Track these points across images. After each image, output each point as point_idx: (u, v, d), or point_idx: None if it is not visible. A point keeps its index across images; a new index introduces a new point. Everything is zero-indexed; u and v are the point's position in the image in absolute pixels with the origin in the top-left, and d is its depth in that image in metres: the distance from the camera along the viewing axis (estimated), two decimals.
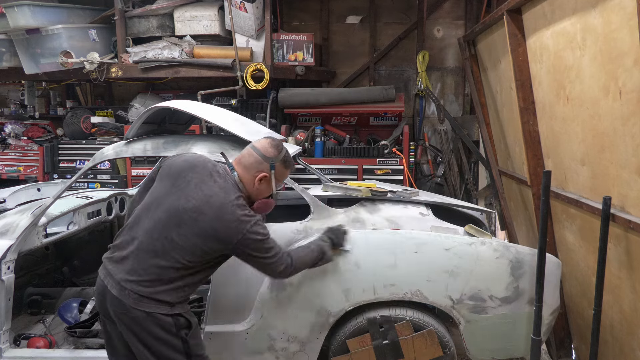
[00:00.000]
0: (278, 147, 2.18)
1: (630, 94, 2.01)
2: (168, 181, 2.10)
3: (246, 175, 2.13)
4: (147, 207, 2.10)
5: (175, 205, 2.02)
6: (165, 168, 2.17)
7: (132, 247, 2.02)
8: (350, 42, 5.65)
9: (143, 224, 2.05)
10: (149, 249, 1.99)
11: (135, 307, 1.95)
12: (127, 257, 2.02)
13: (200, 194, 2.01)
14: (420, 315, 2.61)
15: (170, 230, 1.99)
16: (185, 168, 2.10)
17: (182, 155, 2.23)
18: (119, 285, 1.98)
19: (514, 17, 3.11)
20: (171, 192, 2.06)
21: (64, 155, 5.28)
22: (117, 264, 2.03)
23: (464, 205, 3.36)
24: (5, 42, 4.80)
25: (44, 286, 3.53)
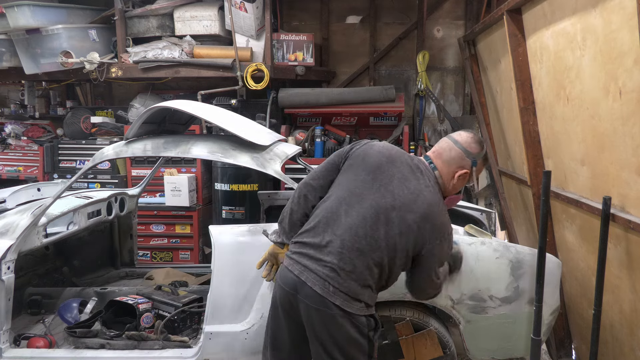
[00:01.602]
0: (481, 143, 2.08)
1: (630, 94, 2.01)
2: (365, 174, 1.99)
3: (445, 169, 2.04)
4: (345, 202, 1.97)
5: (382, 203, 1.92)
6: (357, 158, 2.05)
7: (335, 245, 1.90)
8: (350, 42, 5.65)
9: (344, 219, 1.93)
10: (354, 247, 1.89)
11: (337, 304, 1.85)
12: (330, 254, 1.90)
13: (406, 192, 1.93)
14: (420, 315, 2.61)
15: (377, 229, 1.90)
16: (384, 161, 2.00)
17: (372, 145, 2.09)
18: (322, 282, 1.87)
19: (514, 17, 3.11)
20: (373, 187, 1.95)
21: (64, 155, 5.28)
22: (317, 261, 1.90)
23: (464, 205, 3.36)
24: (5, 42, 4.79)
25: (44, 286, 3.53)
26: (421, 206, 1.91)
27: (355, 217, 1.92)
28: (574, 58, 2.47)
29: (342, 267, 1.88)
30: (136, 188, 4.09)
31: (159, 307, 3.12)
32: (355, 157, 2.05)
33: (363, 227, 1.90)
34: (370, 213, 1.92)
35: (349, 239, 1.90)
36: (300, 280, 1.90)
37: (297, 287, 1.92)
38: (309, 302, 1.89)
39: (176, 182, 4.73)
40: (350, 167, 2.04)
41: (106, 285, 3.68)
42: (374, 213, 1.91)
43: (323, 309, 1.87)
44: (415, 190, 1.94)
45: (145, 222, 4.86)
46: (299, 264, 1.94)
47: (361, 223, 1.91)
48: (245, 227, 2.71)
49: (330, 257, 1.90)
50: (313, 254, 1.93)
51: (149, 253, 4.99)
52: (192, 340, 2.92)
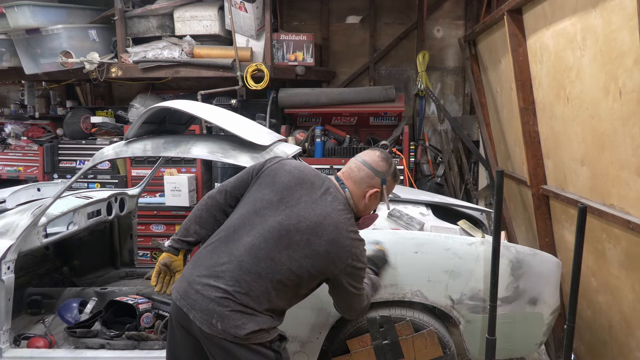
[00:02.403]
0: (389, 160, 2.05)
1: (630, 94, 2.01)
2: (272, 194, 1.94)
3: (356, 190, 2.01)
4: (248, 221, 1.91)
5: (285, 225, 1.86)
6: (267, 177, 2.00)
7: (232, 267, 1.82)
8: (350, 42, 5.65)
9: (245, 240, 1.87)
10: (252, 270, 1.81)
11: (228, 340, 1.76)
12: (222, 279, 1.81)
13: (312, 214, 1.88)
14: (420, 315, 2.61)
15: (279, 251, 1.84)
16: (292, 182, 1.96)
17: (283, 163, 2.05)
18: (208, 319, 1.77)
19: (514, 17, 3.11)
20: (278, 208, 1.90)
21: (64, 155, 5.28)
22: (207, 288, 1.80)
23: (464, 205, 3.36)
24: (5, 42, 4.79)
25: (44, 286, 3.53)
26: (328, 229, 1.86)
27: (256, 237, 1.86)
28: (574, 58, 2.47)
29: (236, 291, 1.79)
30: (136, 188, 4.09)
31: (159, 307, 3.12)
32: (265, 176, 2.01)
33: (264, 249, 1.84)
34: (271, 235, 1.85)
35: (247, 261, 1.83)
36: (188, 316, 1.81)
37: (186, 311, 1.82)
38: (200, 332, 1.81)
39: (176, 182, 4.73)
40: (259, 185, 2.00)
41: (106, 285, 3.68)
42: (277, 235, 1.85)
43: (216, 342, 1.79)
44: (322, 213, 1.89)
45: (145, 222, 4.86)
46: (187, 296, 1.82)
47: (261, 244, 1.84)
48: None
49: (222, 282, 1.80)
50: (205, 281, 1.82)
51: (149, 253, 4.99)
52: None
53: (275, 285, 1.83)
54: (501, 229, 2.46)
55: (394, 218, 2.74)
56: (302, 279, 1.87)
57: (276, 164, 2.05)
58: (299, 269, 1.85)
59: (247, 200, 1.99)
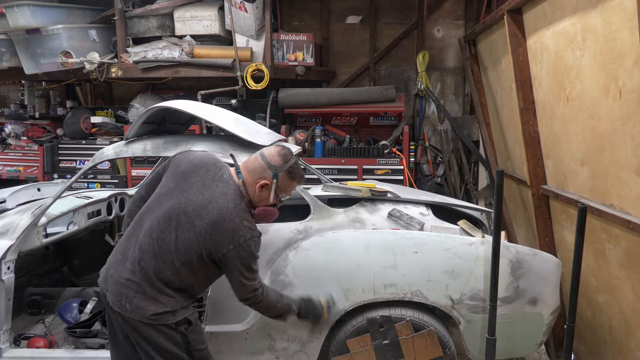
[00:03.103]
0: (285, 157, 2.12)
1: (630, 94, 2.01)
2: (173, 181, 2.10)
3: (249, 179, 2.11)
4: (149, 207, 2.10)
5: (175, 207, 2.01)
6: (172, 167, 2.16)
7: (134, 251, 2.02)
8: (350, 42, 5.65)
9: (145, 224, 2.05)
10: (148, 249, 1.99)
11: (135, 318, 1.97)
12: (126, 263, 2.02)
13: (200, 198, 2.00)
14: (420, 315, 2.61)
15: (169, 232, 1.99)
16: (190, 170, 2.09)
17: (189, 154, 2.20)
18: (118, 298, 1.98)
19: (514, 17, 3.11)
20: (173, 193, 2.05)
21: (64, 155, 5.28)
22: (117, 272, 2.03)
23: (464, 205, 3.36)
24: (5, 42, 4.80)
25: (44, 286, 3.53)
26: (211, 213, 1.96)
27: (152, 220, 2.03)
28: (574, 58, 2.47)
29: (138, 273, 1.98)
30: (136, 188, 4.09)
31: None
32: (172, 166, 2.16)
33: (156, 230, 2.00)
34: (164, 217, 2.01)
35: (145, 242, 2.00)
36: (106, 301, 2.04)
37: (107, 303, 2.05)
38: (115, 316, 2.04)
39: None
40: (166, 175, 2.16)
41: None
42: (167, 217, 2.00)
43: (128, 321, 1.99)
44: (208, 197, 2.00)
45: None
46: (105, 280, 2.07)
47: (155, 226, 2.01)
48: None
49: (129, 264, 2.01)
50: (116, 266, 2.05)
51: None
52: None
53: (168, 265, 1.98)
54: (501, 229, 2.46)
55: (394, 218, 2.74)
56: (192, 259, 1.99)
57: (182, 155, 2.19)
58: (185, 249, 1.97)
59: (155, 191, 2.17)
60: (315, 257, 2.58)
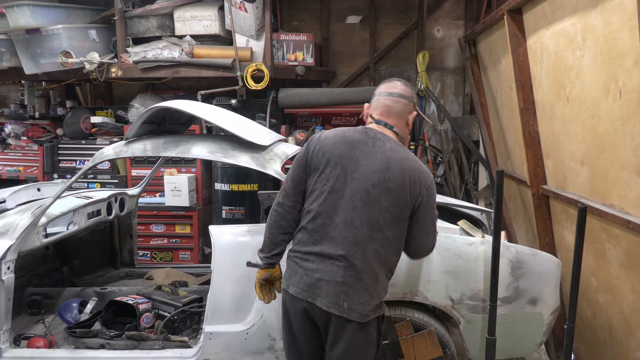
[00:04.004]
0: (407, 82, 2.15)
1: (630, 94, 2.01)
2: (334, 170, 1.97)
3: (400, 122, 2.08)
4: (330, 205, 1.96)
5: (361, 189, 1.93)
6: (319, 159, 2.01)
7: (338, 248, 1.92)
8: (350, 42, 5.65)
9: (336, 220, 1.93)
10: (356, 240, 1.91)
11: (353, 320, 1.90)
12: (337, 259, 1.91)
13: (376, 166, 1.94)
14: (420, 315, 2.61)
15: (369, 213, 1.91)
16: (343, 149, 1.99)
17: (322, 138, 2.05)
18: (335, 299, 1.89)
19: (514, 17, 3.11)
20: (346, 178, 1.95)
21: (64, 155, 5.28)
22: (325, 273, 1.91)
23: (464, 205, 3.36)
24: (5, 42, 4.79)
25: (44, 286, 3.53)
26: (395, 168, 1.95)
27: (346, 212, 1.93)
28: (574, 58, 2.47)
29: (351, 266, 1.90)
30: (136, 188, 4.09)
31: (159, 307, 3.12)
32: (317, 160, 2.02)
33: (357, 219, 1.92)
34: (356, 204, 1.93)
35: (349, 236, 1.91)
36: (310, 303, 1.93)
37: (309, 305, 1.94)
38: (324, 319, 1.93)
39: (176, 182, 4.73)
40: (318, 171, 2.02)
41: (106, 285, 3.67)
42: (360, 202, 1.93)
43: (342, 324, 1.91)
44: (383, 160, 1.96)
45: (145, 222, 4.86)
46: (310, 286, 1.94)
47: (353, 216, 1.92)
48: (245, 227, 2.71)
49: (338, 264, 1.91)
50: (322, 270, 1.93)
51: (149, 253, 4.99)
52: (192, 340, 2.92)
53: (381, 243, 1.93)
54: (501, 229, 2.46)
55: None
56: (400, 222, 1.96)
57: (317, 143, 2.05)
58: (392, 216, 1.93)
59: (316, 187, 2.01)
60: None
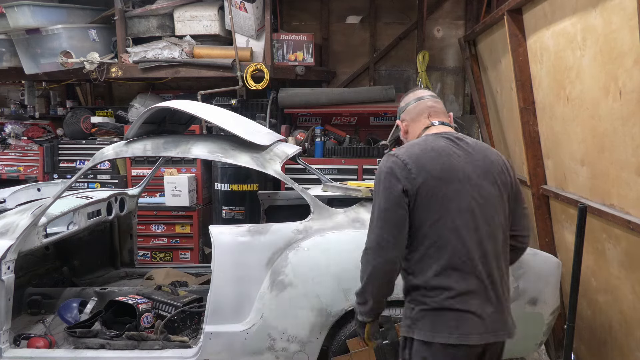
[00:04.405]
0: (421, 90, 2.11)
1: (630, 94, 2.01)
2: (439, 185, 1.73)
3: (447, 118, 2.01)
4: (447, 227, 1.71)
5: (469, 198, 1.73)
6: (428, 188, 1.73)
7: (484, 274, 1.71)
8: (350, 42, 5.65)
9: (468, 245, 1.71)
10: (494, 256, 1.74)
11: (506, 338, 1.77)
12: (493, 287, 1.73)
13: (476, 169, 1.77)
14: None
15: (490, 221, 1.74)
16: (445, 162, 1.75)
17: (408, 161, 1.76)
18: (501, 317, 1.75)
19: (514, 17, 3.11)
20: (457, 195, 1.73)
21: (64, 155, 5.28)
22: (480, 299, 1.71)
23: None
24: (5, 42, 4.79)
25: (44, 286, 3.53)
26: (489, 159, 1.82)
27: (470, 232, 1.72)
28: (574, 58, 2.47)
29: (500, 286, 1.75)
30: (136, 188, 4.09)
31: (159, 307, 3.12)
32: (426, 189, 1.73)
33: (485, 232, 1.73)
34: (480, 221, 1.74)
35: (484, 257, 1.72)
36: (496, 343, 1.75)
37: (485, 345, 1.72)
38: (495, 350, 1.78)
39: (176, 182, 4.73)
40: (427, 196, 1.73)
41: (106, 285, 3.68)
42: (480, 212, 1.74)
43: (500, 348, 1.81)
44: (477, 157, 1.81)
45: (145, 222, 4.86)
46: (489, 325, 1.70)
47: (478, 235, 1.73)
48: (245, 227, 2.71)
49: (490, 291, 1.72)
50: (483, 302, 1.71)
51: (149, 253, 4.99)
52: (192, 340, 2.92)
53: (506, 248, 1.82)
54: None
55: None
56: (508, 218, 1.86)
57: (410, 174, 1.74)
58: (505, 211, 1.82)
59: (428, 218, 1.74)
60: (315, 257, 2.58)
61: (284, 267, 2.59)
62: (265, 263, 2.64)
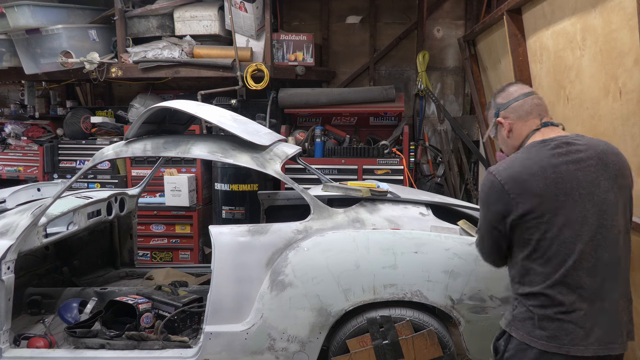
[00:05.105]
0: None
1: (630, 94, 2.01)
2: (546, 205, 1.66)
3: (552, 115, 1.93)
4: (557, 242, 1.66)
5: (582, 210, 1.65)
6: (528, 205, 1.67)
7: (599, 280, 1.65)
8: (350, 42, 5.65)
9: (571, 256, 1.64)
10: (604, 268, 1.66)
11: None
12: (604, 299, 1.66)
13: (587, 176, 1.67)
14: (420, 315, 2.61)
15: (608, 233, 1.66)
16: (551, 182, 1.67)
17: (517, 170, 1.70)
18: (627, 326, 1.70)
19: (514, 17, 3.11)
20: (563, 208, 1.65)
21: (64, 155, 5.28)
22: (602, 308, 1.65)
23: (464, 205, 3.36)
24: (5, 42, 4.79)
25: (44, 286, 3.53)
26: (600, 168, 1.70)
27: (588, 238, 1.65)
28: (574, 58, 2.47)
29: (612, 299, 1.67)
30: (136, 188, 4.09)
31: (159, 307, 3.12)
32: (529, 208, 1.67)
33: (603, 239, 1.66)
34: (595, 220, 1.66)
35: (605, 263, 1.66)
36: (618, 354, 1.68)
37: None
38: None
39: (176, 182, 4.73)
40: (533, 219, 1.68)
41: (106, 285, 3.68)
42: (598, 215, 1.66)
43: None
44: (592, 153, 1.72)
45: (145, 222, 4.86)
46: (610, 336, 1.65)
47: (597, 238, 1.66)
48: (245, 227, 2.71)
49: (609, 299, 1.66)
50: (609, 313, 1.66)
51: (149, 253, 4.99)
52: (192, 340, 2.93)
53: (627, 253, 1.73)
54: None
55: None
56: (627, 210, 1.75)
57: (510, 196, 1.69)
58: (624, 210, 1.72)
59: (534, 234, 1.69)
60: (315, 257, 2.58)
61: (284, 267, 2.59)
62: (265, 263, 2.64)
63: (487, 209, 1.78)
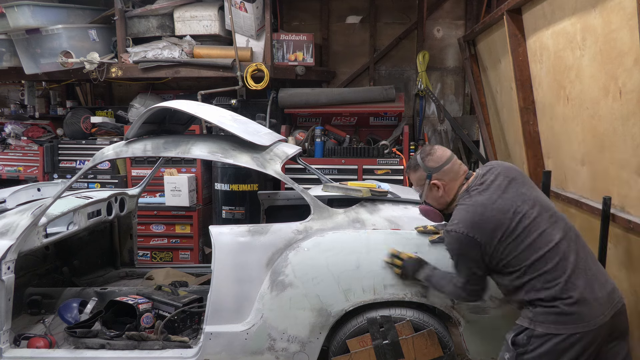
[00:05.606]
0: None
1: (630, 94, 2.01)
2: (505, 229, 1.96)
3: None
4: (547, 236, 1.94)
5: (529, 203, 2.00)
6: (518, 233, 1.96)
7: (581, 262, 1.93)
8: (350, 42, 5.65)
9: (571, 258, 1.92)
10: (576, 236, 1.99)
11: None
12: (590, 271, 1.92)
13: (519, 190, 2.05)
14: (421, 315, 2.61)
15: (555, 211, 2.02)
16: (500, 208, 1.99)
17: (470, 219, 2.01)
18: (613, 294, 1.92)
19: (514, 17, 3.11)
20: (523, 213, 1.96)
21: (64, 155, 5.28)
22: (594, 283, 1.90)
23: None
24: (5, 42, 4.80)
25: (44, 286, 3.53)
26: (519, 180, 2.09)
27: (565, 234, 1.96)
28: (574, 58, 2.47)
29: (593, 270, 1.94)
30: (136, 188, 4.09)
31: (159, 307, 3.12)
32: (495, 241, 1.97)
33: (561, 221, 1.99)
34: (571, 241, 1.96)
35: (578, 258, 1.92)
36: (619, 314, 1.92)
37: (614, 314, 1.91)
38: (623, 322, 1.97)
39: (176, 182, 4.73)
40: (517, 237, 1.96)
41: (106, 285, 3.68)
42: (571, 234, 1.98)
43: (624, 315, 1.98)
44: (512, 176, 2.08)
45: (145, 222, 4.86)
46: (605, 302, 1.88)
47: (572, 243, 1.95)
48: (245, 227, 2.71)
49: (599, 277, 1.94)
50: (596, 285, 1.91)
51: (149, 253, 4.99)
52: (192, 340, 2.92)
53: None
54: None
55: None
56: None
57: (478, 241, 1.99)
58: (549, 199, 2.12)
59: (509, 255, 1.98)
60: (316, 257, 2.58)
61: (284, 267, 2.59)
62: (265, 263, 2.64)
63: (466, 259, 2.06)
